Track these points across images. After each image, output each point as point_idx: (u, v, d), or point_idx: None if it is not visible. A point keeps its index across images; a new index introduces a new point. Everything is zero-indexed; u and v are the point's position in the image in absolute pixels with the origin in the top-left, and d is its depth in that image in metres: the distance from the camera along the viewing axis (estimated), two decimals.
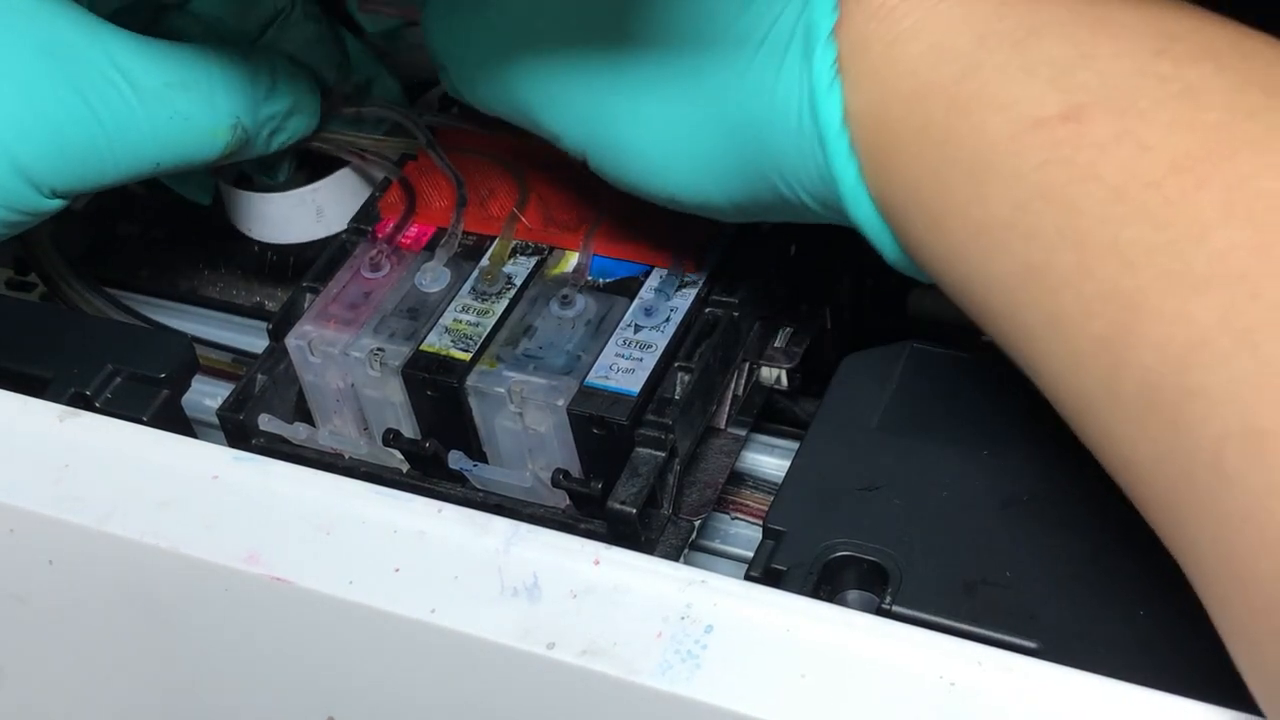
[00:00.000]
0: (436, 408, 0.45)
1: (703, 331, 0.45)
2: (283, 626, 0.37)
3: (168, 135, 0.44)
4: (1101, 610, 0.36)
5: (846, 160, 0.36)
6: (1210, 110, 0.30)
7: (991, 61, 0.33)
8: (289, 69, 0.48)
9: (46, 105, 0.42)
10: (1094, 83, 0.31)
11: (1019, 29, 0.33)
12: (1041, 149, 0.32)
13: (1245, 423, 0.28)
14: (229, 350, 0.56)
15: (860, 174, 0.36)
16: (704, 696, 0.32)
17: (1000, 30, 0.33)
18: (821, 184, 0.36)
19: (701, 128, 0.38)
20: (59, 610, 0.40)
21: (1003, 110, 0.32)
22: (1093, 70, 0.32)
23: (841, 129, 0.35)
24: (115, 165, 0.44)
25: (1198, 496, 0.29)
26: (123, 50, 0.43)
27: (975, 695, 0.31)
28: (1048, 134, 0.32)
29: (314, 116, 0.50)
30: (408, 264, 0.48)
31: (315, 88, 0.49)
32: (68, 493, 0.38)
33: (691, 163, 0.38)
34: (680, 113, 0.38)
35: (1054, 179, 0.31)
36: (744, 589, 0.34)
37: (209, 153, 0.46)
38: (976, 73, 0.33)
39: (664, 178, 0.39)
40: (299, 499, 0.37)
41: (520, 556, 0.35)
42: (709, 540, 0.49)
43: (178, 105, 0.44)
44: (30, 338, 0.47)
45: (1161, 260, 0.29)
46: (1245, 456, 0.28)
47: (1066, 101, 0.32)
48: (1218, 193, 0.29)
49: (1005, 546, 0.38)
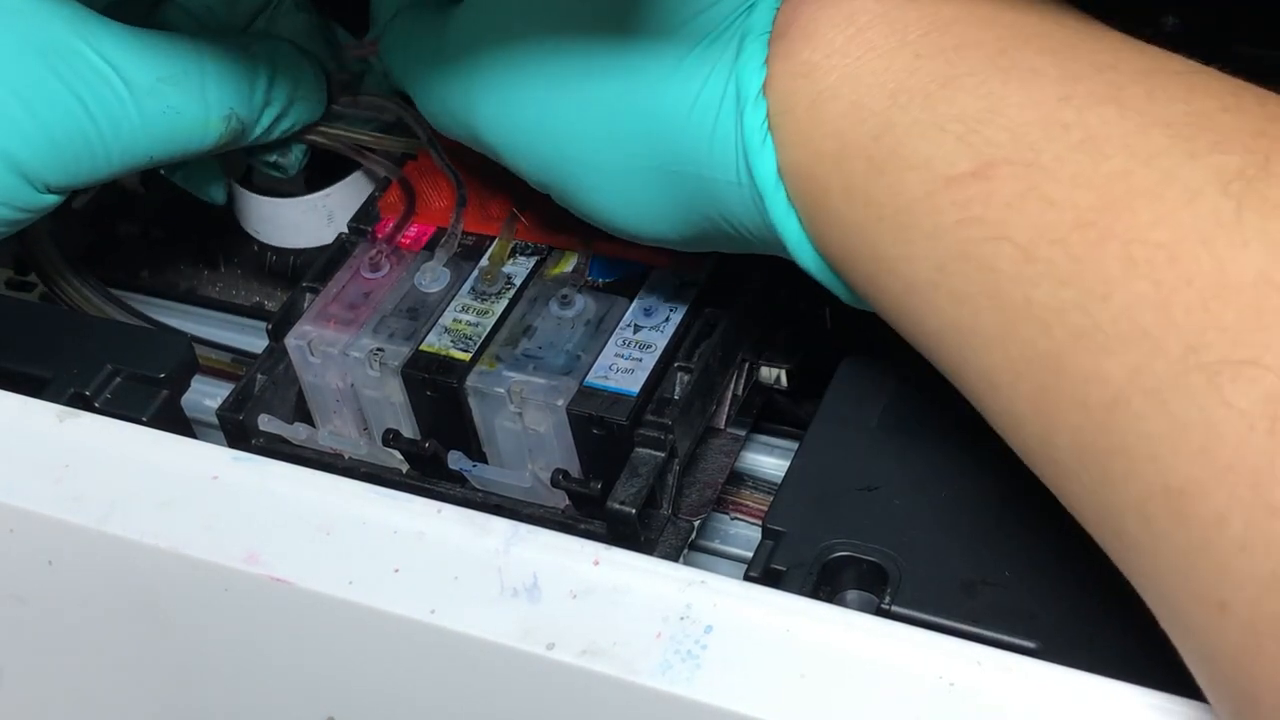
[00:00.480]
0: (436, 408, 0.45)
1: (702, 331, 0.45)
2: (283, 627, 0.37)
3: (161, 129, 0.45)
4: (1101, 610, 0.36)
5: (786, 212, 0.36)
6: (1111, 158, 0.30)
7: (905, 119, 0.33)
8: (291, 55, 0.48)
9: (40, 102, 0.42)
10: (1001, 137, 0.31)
11: (932, 82, 0.33)
12: (955, 208, 0.32)
13: (1164, 482, 0.28)
14: (229, 350, 0.56)
15: (801, 226, 0.36)
16: (704, 697, 0.32)
17: (912, 85, 0.33)
18: (768, 233, 0.37)
19: (650, 175, 0.38)
20: (59, 610, 0.40)
21: (917, 169, 0.32)
22: (1000, 124, 0.31)
23: (778, 184, 0.36)
24: (109, 160, 0.44)
25: (1133, 551, 0.30)
26: (114, 45, 0.44)
27: (975, 695, 0.31)
28: (960, 192, 0.31)
29: (319, 103, 0.49)
30: (407, 264, 0.48)
31: (320, 74, 0.49)
32: (68, 493, 0.38)
33: (643, 206, 0.39)
34: (629, 162, 0.38)
35: (969, 238, 0.31)
36: (744, 589, 0.34)
37: (202, 144, 0.46)
38: (891, 131, 0.33)
39: (619, 218, 0.40)
40: (299, 499, 0.37)
41: (520, 557, 0.35)
42: (709, 540, 0.49)
43: (170, 99, 0.44)
44: (30, 338, 0.47)
45: (1073, 319, 0.29)
46: (1167, 515, 0.28)
47: (976, 158, 0.31)
48: (1118, 247, 0.29)
49: (1005, 546, 0.38)
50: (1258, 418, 0.26)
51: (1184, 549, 0.28)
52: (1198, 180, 0.29)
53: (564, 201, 0.41)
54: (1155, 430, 0.28)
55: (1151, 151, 0.29)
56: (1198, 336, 0.27)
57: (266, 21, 0.50)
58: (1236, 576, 0.26)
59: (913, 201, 0.32)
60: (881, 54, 0.34)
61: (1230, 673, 0.27)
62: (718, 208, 0.37)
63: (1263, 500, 0.26)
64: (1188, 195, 0.28)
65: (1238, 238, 0.27)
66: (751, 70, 0.35)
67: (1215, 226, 0.28)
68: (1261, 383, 0.26)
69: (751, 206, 0.36)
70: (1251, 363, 0.27)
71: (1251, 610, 0.26)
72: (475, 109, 0.41)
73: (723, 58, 0.36)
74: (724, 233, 0.38)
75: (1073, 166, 0.30)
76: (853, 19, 0.34)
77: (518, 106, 0.40)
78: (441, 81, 0.42)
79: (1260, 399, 0.26)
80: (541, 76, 0.39)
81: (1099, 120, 0.30)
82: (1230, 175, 0.28)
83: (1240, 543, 0.26)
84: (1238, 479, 0.26)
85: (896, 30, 0.34)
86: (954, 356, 0.33)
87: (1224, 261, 0.27)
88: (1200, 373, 0.27)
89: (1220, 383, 0.27)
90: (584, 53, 0.38)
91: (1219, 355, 0.27)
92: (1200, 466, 0.27)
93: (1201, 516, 0.27)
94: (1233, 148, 0.29)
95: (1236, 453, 0.26)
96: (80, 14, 0.43)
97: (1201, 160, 0.29)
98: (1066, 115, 0.31)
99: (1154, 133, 0.30)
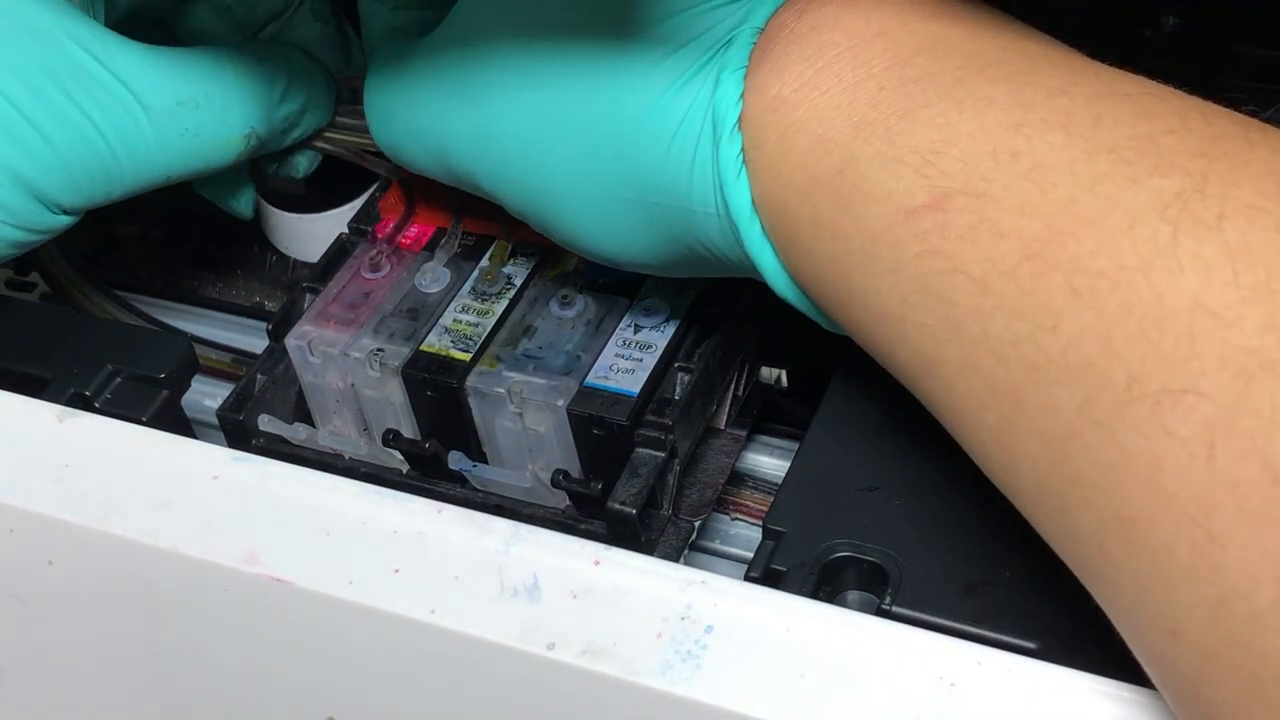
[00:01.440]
0: (436, 408, 0.45)
1: (702, 332, 0.45)
2: (283, 627, 0.37)
3: (178, 150, 0.44)
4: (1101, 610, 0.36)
5: (761, 244, 0.36)
6: (1057, 186, 0.30)
7: (867, 151, 0.33)
8: (304, 65, 0.48)
9: (53, 125, 0.42)
10: (955, 168, 0.31)
11: (892, 114, 0.33)
12: (915, 240, 0.32)
13: (1116, 511, 0.28)
14: (229, 350, 0.56)
15: (777, 257, 0.36)
16: (704, 697, 0.32)
17: (874, 118, 0.33)
18: (747, 262, 0.37)
19: (629, 206, 0.38)
20: (59, 610, 0.40)
21: (877, 202, 0.33)
22: (954, 154, 0.32)
23: (753, 216, 0.36)
24: (124, 182, 0.44)
25: (1095, 578, 0.30)
26: (133, 69, 0.43)
27: (975, 695, 0.31)
28: (918, 224, 0.32)
29: (328, 111, 0.49)
30: (407, 264, 0.48)
31: (330, 82, 0.49)
32: (68, 493, 0.38)
33: (623, 237, 0.39)
34: (608, 194, 0.38)
35: (929, 270, 0.32)
36: (744, 589, 0.34)
37: (221, 162, 0.46)
38: (854, 164, 0.33)
39: (600, 248, 0.40)
40: (299, 499, 0.37)
41: (520, 557, 0.35)
42: (709, 540, 0.49)
43: (188, 123, 0.44)
44: (30, 338, 0.47)
45: (1026, 352, 0.30)
46: (1120, 544, 0.28)
47: (932, 189, 0.32)
48: (1063, 277, 0.29)
49: (1005, 546, 0.38)
50: (1197, 445, 0.26)
51: (1137, 577, 0.28)
52: (1138, 205, 0.29)
53: (543, 230, 0.41)
54: (1105, 461, 0.28)
55: (1095, 177, 0.30)
56: (1139, 366, 0.27)
57: (280, 27, 0.50)
58: (1185, 603, 0.27)
59: (876, 235, 0.33)
60: (847, 87, 0.34)
61: (1187, 697, 0.28)
62: (696, 237, 0.38)
63: (1203, 528, 0.26)
64: (1128, 221, 0.29)
65: (1173, 263, 0.28)
66: (728, 105, 0.36)
67: (1153, 253, 0.28)
68: (1198, 410, 0.26)
69: (729, 237, 0.37)
70: (1188, 390, 0.27)
71: (1201, 636, 0.27)
72: (450, 138, 0.41)
73: (701, 92, 0.36)
74: (703, 259, 0.39)
75: (1021, 196, 0.30)
76: (822, 52, 0.35)
77: (496, 138, 0.40)
78: (411, 109, 0.42)
79: (1198, 426, 0.26)
80: (519, 107, 0.39)
81: (1047, 147, 0.31)
82: (1168, 199, 0.28)
83: (1187, 569, 0.27)
84: (1181, 507, 0.27)
85: (862, 63, 0.34)
86: (924, 387, 0.34)
87: (1161, 288, 0.28)
88: (1143, 403, 0.27)
89: (1161, 412, 0.27)
90: (563, 84, 0.38)
91: (1159, 385, 0.27)
92: (1147, 496, 0.27)
93: (1150, 545, 0.27)
94: (1172, 170, 0.29)
95: (1178, 481, 0.27)
96: (98, 35, 0.43)
97: (1142, 184, 0.29)
98: (1017, 143, 0.31)
99: (1099, 158, 0.30)
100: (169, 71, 0.44)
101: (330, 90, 0.49)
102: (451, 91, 0.41)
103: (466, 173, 0.41)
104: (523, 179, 0.40)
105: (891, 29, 0.35)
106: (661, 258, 0.40)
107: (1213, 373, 0.27)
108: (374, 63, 0.44)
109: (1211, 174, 0.28)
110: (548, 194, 0.40)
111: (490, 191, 0.41)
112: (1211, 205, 0.28)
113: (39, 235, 0.44)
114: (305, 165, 0.51)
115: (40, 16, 0.42)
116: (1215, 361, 0.27)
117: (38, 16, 0.42)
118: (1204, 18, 0.49)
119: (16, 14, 0.42)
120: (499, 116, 0.40)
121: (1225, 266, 0.27)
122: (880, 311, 0.33)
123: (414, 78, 0.42)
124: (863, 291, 0.34)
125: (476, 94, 0.40)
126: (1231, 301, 0.27)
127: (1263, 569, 0.25)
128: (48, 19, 0.42)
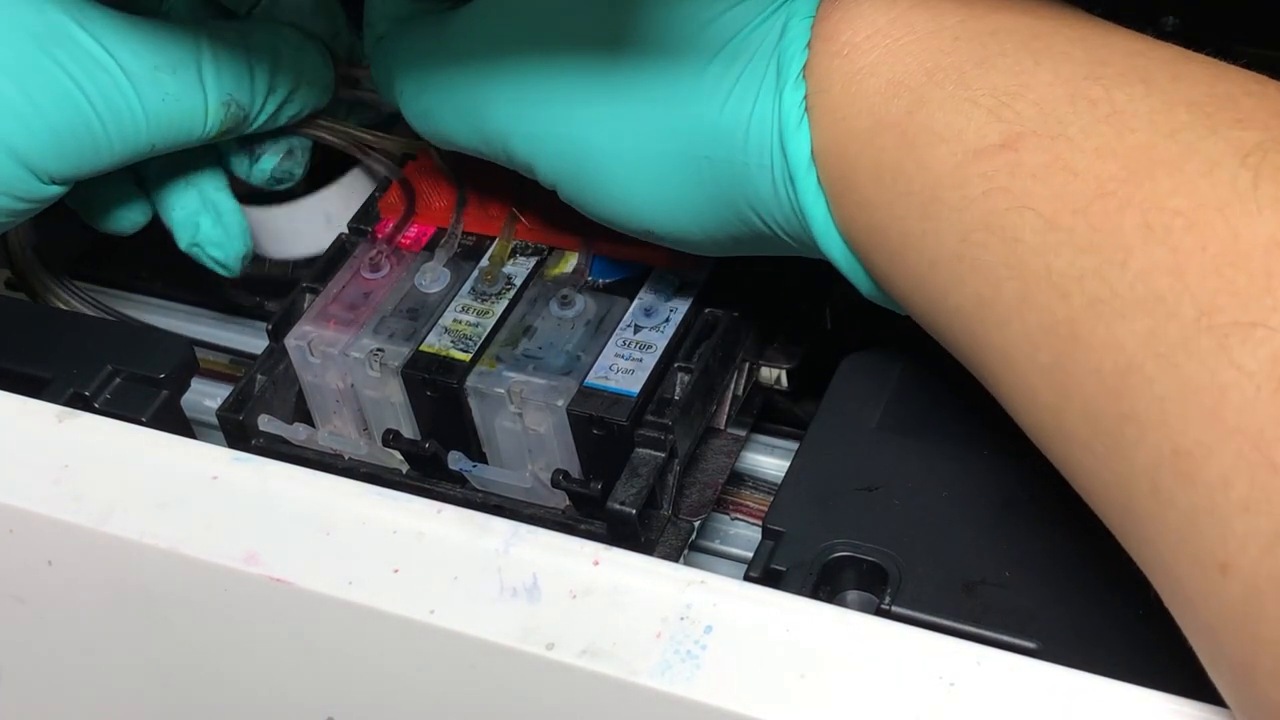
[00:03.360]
0: (436, 408, 0.45)
1: (703, 332, 0.45)
2: (282, 627, 0.37)
3: (160, 117, 0.44)
4: (1101, 610, 0.36)
5: (815, 197, 0.36)
6: (1135, 132, 0.30)
7: (939, 95, 0.34)
8: (294, 40, 0.48)
9: (40, 92, 0.42)
10: (1030, 111, 0.32)
11: (967, 61, 0.34)
12: (982, 179, 0.32)
13: (1173, 445, 0.28)
14: (228, 352, 0.56)
15: (829, 210, 0.36)
16: (704, 697, 0.32)
17: (948, 65, 0.34)
18: (794, 220, 0.37)
19: (677, 162, 0.38)
20: (58, 610, 0.40)
21: (947, 142, 0.33)
22: (1030, 99, 0.32)
23: (810, 166, 0.36)
24: (111, 149, 0.44)
25: (1139, 521, 0.30)
26: (110, 34, 0.43)
27: (975, 695, 0.31)
28: (987, 163, 0.32)
29: (325, 90, 0.49)
30: (407, 264, 0.48)
31: (326, 58, 0.49)
32: (67, 493, 0.38)
33: (667, 197, 0.39)
34: (656, 147, 0.38)
35: (994, 208, 0.32)
36: (744, 589, 0.34)
37: (204, 131, 0.46)
38: (923, 106, 0.34)
39: (640, 211, 0.40)
40: (298, 499, 0.37)
41: (520, 557, 0.35)
42: (709, 540, 0.49)
43: (167, 87, 0.44)
44: (30, 338, 0.47)
45: (1091, 286, 0.30)
46: (1174, 478, 0.28)
47: (1005, 131, 0.32)
48: (1137, 214, 0.29)
49: (1005, 546, 0.38)
50: (1264, 378, 0.27)
51: (1188, 512, 0.28)
52: (1217, 152, 0.29)
53: (578, 197, 0.41)
54: (1166, 393, 0.28)
55: (1174, 126, 0.30)
56: (1210, 300, 0.28)
57: (270, 3, 0.50)
58: (1239, 537, 0.27)
59: (941, 175, 0.33)
60: (920, 36, 0.34)
61: (1230, 636, 0.27)
62: (745, 195, 0.37)
63: (1266, 458, 0.26)
64: (1207, 166, 0.29)
65: (1252, 205, 0.28)
66: (794, 52, 0.36)
67: (1231, 195, 0.28)
68: (1269, 344, 0.27)
69: (780, 192, 0.37)
70: (1259, 324, 0.27)
71: (1254, 569, 0.26)
72: (489, 109, 0.41)
73: (766, 39, 0.36)
74: (748, 225, 0.38)
75: (1097, 139, 0.31)
76: (895, 3, 0.35)
77: (538, 103, 0.40)
78: (448, 84, 0.42)
79: (1267, 360, 0.27)
80: (566, 69, 0.39)
81: (1126, 98, 0.31)
82: (1248, 148, 0.29)
83: (1244, 503, 0.27)
84: (1243, 439, 0.27)
85: (935, 15, 0.35)
86: (973, 332, 0.34)
87: (1238, 228, 0.28)
88: (1210, 335, 0.27)
89: (1229, 344, 0.27)
90: (612, 44, 0.38)
91: (1229, 318, 0.27)
92: (1207, 428, 0.27)
93: (1207, 478, 0.27)
94: (1253, 125, 0.29)
95: (1242, 413, 0.27)
96: (77, 1, 0.43)
97: (1222, 134, 0.29)
98: (1094, 92, 0.31)
99: (1178, 110, 0.30)
100: (143, 37, 0.44)
101: (328, 68, 0.49)
102: (490, 60, 0.41)
103: (502, 136, 0.41)
104: (567, 137, 0.40)
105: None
106: (704, 224, 0.39)
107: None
108: (404, 45, 0.44)
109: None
110: (590, 152, 0.39)
111: (527, 159, 0.41)
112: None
113: (30, 205, 0.44)
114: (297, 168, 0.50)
115: None
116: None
117: None
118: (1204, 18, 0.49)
119: None
120: (541, 75, 0.39)
121: None
122: (936, 255, 0.34)
123: (450, 52, 0.42)
124: (920, 235, 0.34)
125: (516, 58, 0.40)
126: None
127: None
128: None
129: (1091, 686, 0.31)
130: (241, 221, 0.50)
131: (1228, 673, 0.28)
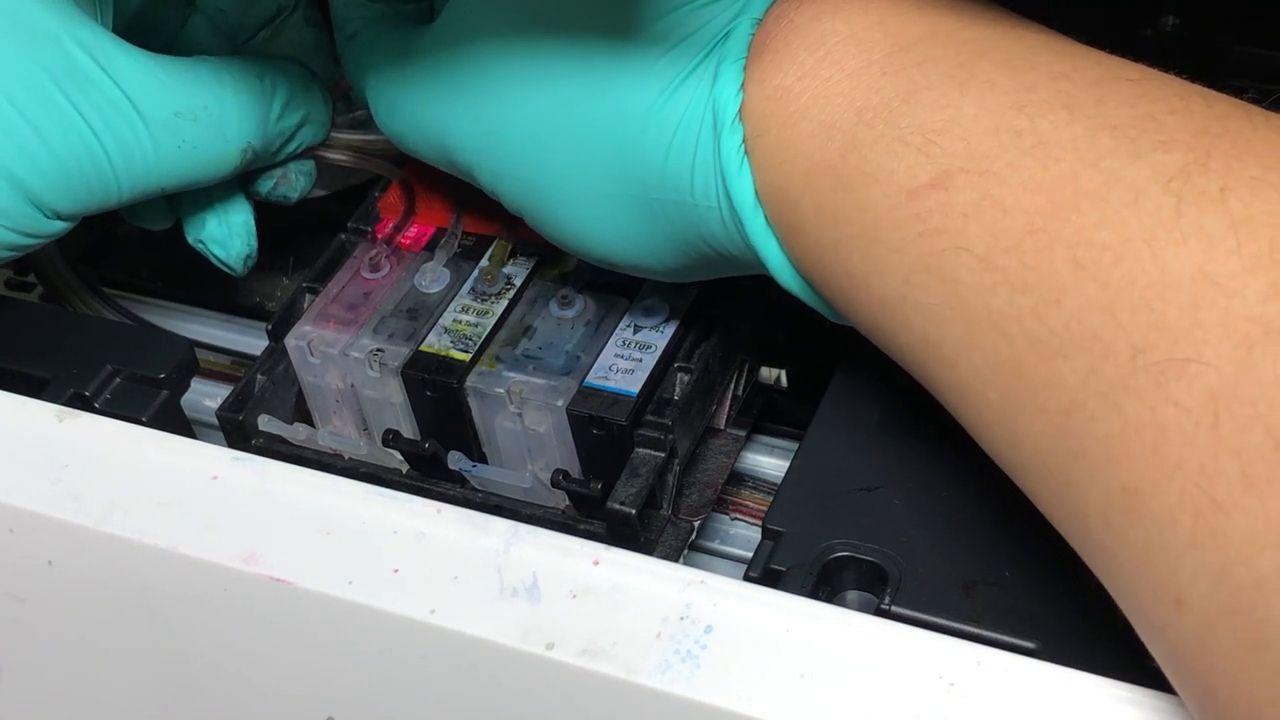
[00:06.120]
0: (436, 408, 0.45)
1: (702, 332, 0.45)
2: (282, 627, 0.37)
3: (175, 163, 0.44)
4: (1101, 610, 0.36)
5: (765, 236, 0.36)
6: (1059, 162, 0.30)
7: (870, 134, 0.33)
8: (303, 79, 0.47)
9: (53, 130, 0.41)
10: (957, 147, 0.32)
11: (895, 98, 0.33)
12: (916, 220, 0.32)
13: (1120, 482, 0.28)
14: (228, 352, 0.56)
15: (781, 248, 0.36)
16: (703, 696, 0.32)
17: (877, 102, 0.34)
18: (751, 256, 0.37)
19: (630, 204, 0.38)
20: (58, 610, 0.40)
21: (880, 183, 0.33)
22: (956, 134, 0.32)
23: (756, 207, 0.36)
24: (119, 190, 0.43)
25: (1099, 553, 0.30)
26: (133, 76, 0.42)
27: (975, 695, 0.31)
28: (920, 203, 0.32)
29: (324, 127, 0.49)
30: (407, 264, 0.48)
31: (327, 98, 0.49)
32: (67, 493, 0.38)
33: (624, 233, 0.39)
34: (608, 190, 0.38)
35: (931, 249, 0.32)
36: (743, 589, 0.34)
37: (217, 176, 0.45)
38: (856, 148, 0.34)
39: (600, 245, 0.40)
40: (298, 499, 0.37)
41: (520, 557, 0.35)
42: (708, 540, 0.49)
43: (186, 135, 0.43)
44: (30, 338, 0.47)
45: (1030, 326, 0.30)
46: (1125, 515, 0.28)
47: (934, 169, 0.32)
48: (1066, 251, 0.29)
49: (1005, 546, 0.38)
50: (1200, 414, 0.27)
51: (1141, 548, 0.28)
52: (1141, 179, 0.29)
53: (540, 228, 0.41)
54: (1109, 432, 0.28)
55: (1098, 153, 0.30)
56: (1143, 337, 0.28)
57: (272, 33, 0.49)
58: (1189, 572, 0.27)
59: (878, 216, 0.33)
60: (849, 74, 0.34)
61: (1189, 667, 0.28)
62: (699, 232, 0.38)
63: (1208, 496, 0.26)
64: (1131, 194, 0.29)
65: (1177, 234, 0.28)
66: (728, 96, 0.36)
67: (1156, 225, 0.28)
68: (1202, 379, 0.27)
69: (733, 230, 0.37)
70: (1193, 360, 0.27)
71: (1204, 604, 0.27)
72: (451, 133, 0.41)
73: (700, 85, 0.36)
74: (705, 256, 0.39)
75: (1023, 172, 0.30)
76: (823, 41, 0.35)
77: (497, 135, 0.40)
78: (414, 103, 0.42)
79: (1202, 395, 0.27)
80: (519, 105, 0.39)
81: (1050, 126, 0.31)
82: (1172, 173, 0.29)
83: (1190, 538, 0.27)
84: (1185, 476, 0.27)
85: (864, 50, 0.34)
86: (927, 369, 0.34)
87: (1165, 259, 0.28)
88: (1147, 373, 0.27)
89: (1165, 381, 0.27)
90: (562, 82, 0.38)
91: (1163, 354, 0.27)
92: (1151, 466, 0.27)
93: (1155, 514, 0.27)
94: (1175, 146, 0.29)
95: (1182, 450, 0.27)
96: (101, 39, 0.42)
97: (1146, 159, 0.29)
98: (1019, 122, 0.31)
99: (1101, 135, 0.30)
100: (169, 81, 0.43)
101: (328, 106, 0.49)
102: (452, 88, 0.41)
103: (467, 167, 0.41)
104: (523, 176, 0.40)
105: (890, 18, 0.35)
106: (661, 257, 0.39)
107: (1216, 341, 0.27)
108: (374, 54, 0.44)
109: (1215, 150, 0.29)
110: (548, 191, 0.40)
111: (490, 187, 0.41)
112: (1214, 179, 0.28)
113: (33, 240, 0.44)
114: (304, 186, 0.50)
115: (45, 17, 0.42)
116: (1218, 330, 0.27)
117: (43, 17, 0.42)
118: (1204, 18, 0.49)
119: (21, 13, 0.41)
120: (499, 114, 0.40)
121: (1228, 236, 0.27)
122: (882, 295, 0.33)
123: (416, 72, 0.42)
124: (865, 275, 0.34)
125: (477, 92, 0.40)
126: (1234, 270, 0.27)
127: (1265, 535, 0.26)
128: (52, 20, 0.42)
129: (1091, 686, 0.31)
130: (246, 222, 0.49)
131: (1191, 702, 0.28)
